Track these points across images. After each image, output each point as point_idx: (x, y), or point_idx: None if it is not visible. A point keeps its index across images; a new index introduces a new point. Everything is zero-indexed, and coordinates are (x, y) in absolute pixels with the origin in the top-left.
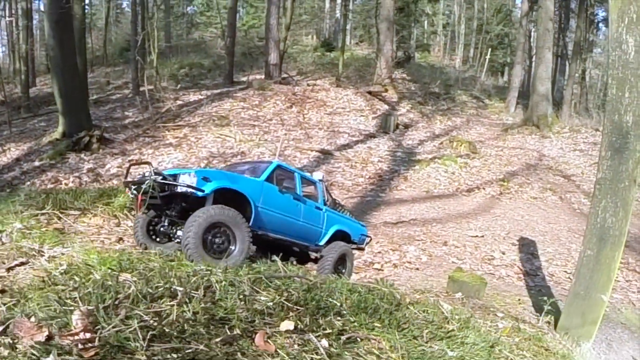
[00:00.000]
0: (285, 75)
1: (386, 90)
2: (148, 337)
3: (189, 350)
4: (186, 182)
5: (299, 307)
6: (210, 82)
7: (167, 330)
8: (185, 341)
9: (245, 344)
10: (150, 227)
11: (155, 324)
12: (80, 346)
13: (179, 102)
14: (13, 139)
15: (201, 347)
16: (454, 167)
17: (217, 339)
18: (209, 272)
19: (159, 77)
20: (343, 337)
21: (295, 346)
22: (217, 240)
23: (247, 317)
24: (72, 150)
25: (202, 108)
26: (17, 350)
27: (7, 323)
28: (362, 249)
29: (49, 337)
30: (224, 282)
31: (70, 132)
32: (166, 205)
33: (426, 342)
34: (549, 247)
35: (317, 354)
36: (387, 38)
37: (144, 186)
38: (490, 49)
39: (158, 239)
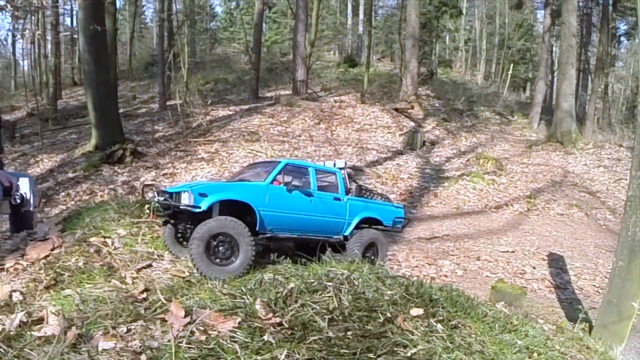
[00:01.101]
0: (310, 91)
1: (412, 107)
2: (329, 318)
3: (358, 327)
4: (185, 200)
5: (415, 299)
6: (235, 98)
7: (333, 315)
8: (352, 322)
9: (392, 325)
10: (178, 234)
11: (324, 310)
12: (272, 328)
13: (208, 118)
14: (45, 150)
15: (368, 326)
16: (482, 184)
17: (379, 320)
18: (346, 271)
19: (189, 92)
20: (450, 323)
21: (422, 327)
22: (221, 249)
23: (387, 305)
24: (106, 163)
25: (232, 123)
26: (210, 335)
27: (191, 314)
28: (399, 231)
29: (241, 322)
30: (360, 279)
31: (103, 145)
32: (176, 220)
33: (500, 333)
34: (577, 262)
35: (437, 333)
36: (412, 55)
37: (151, 206)
38: (512, 64)
39: (186, 245)
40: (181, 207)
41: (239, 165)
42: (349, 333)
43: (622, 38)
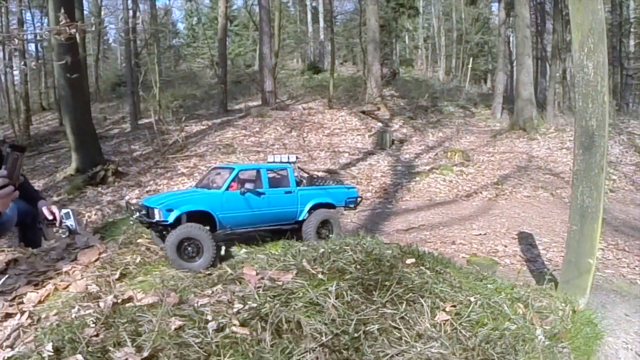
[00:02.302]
0: (279, 101)
1: (378, 109)
2: (354, 266)
3: (374, 270)
4: (156, 216)
5: (408, 254)
6: (205, 112)
7: (355, 264)
8: (370, 266)
9: (395, 269)
10: (163, 233)
11: (349, 262)
12: (320, 274)
13: (183, 134)
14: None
15: (380, 269)
16: (451, 175)
17: (387, 265)
18: (358, 239)
19: (162, 110)
20: (435, 269)
21: (415, 271)
22: (189, 249)
23: (389, 257)
24: (89, 184)
25: (207, 138)
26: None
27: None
28: (353, 209)
29: (297, 274)
30: (368, 244)
31: (84, 168)
32: (154, 228)
33: (474, 281)
34: (545, 238)
35: (426, 275)
36: (374, 58)
37: (132, 219)
38: (471, 58)
39: None
40: (153, 221)
41: None
42: (370, 272)
43: None
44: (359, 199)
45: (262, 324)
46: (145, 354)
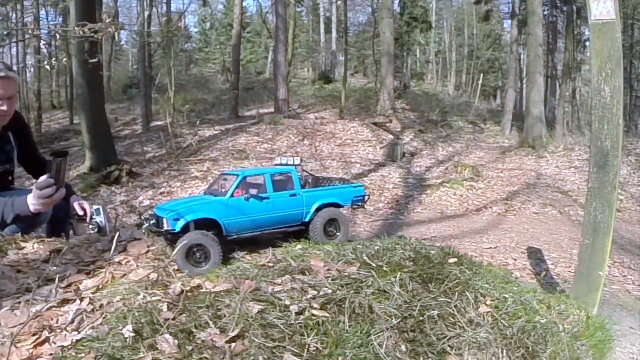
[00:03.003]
0: (290, 109)
1: (390, 121)
2: (408, 261)
3: (427, 265)
4: (164, 225)
5: (450, 255)
6: (216, 117)
7: (409, 261)
8: (422, 262)
9: (443, 265)
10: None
11: (399, 259)
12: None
13: (196, 137)
14: None
15: (432, 265)
16: (461, 189)
17: (435, 262)
18: (405, 240)
19: (176, 113)
20: (472, 268)
21: (457, 269)
22: (197, 254)
23: (436, 256)
24: (103, 184)
25: (220, 142)
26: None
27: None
28: (361, 206)
29: (359, 266)
30: (416, 244)
31: (98, 167)
32: (164, 235)
33: (500, 283)
34: (553, 253)
35: (466, 273)
36: (388, 71)
37: (146, 228)
38: (481, 74)
39: None
40: (163, 230)
41: None
42: (424, 267)
43: (587, 43)
44: (366, 197)
45: (338, 308)
46: (232, 333)
